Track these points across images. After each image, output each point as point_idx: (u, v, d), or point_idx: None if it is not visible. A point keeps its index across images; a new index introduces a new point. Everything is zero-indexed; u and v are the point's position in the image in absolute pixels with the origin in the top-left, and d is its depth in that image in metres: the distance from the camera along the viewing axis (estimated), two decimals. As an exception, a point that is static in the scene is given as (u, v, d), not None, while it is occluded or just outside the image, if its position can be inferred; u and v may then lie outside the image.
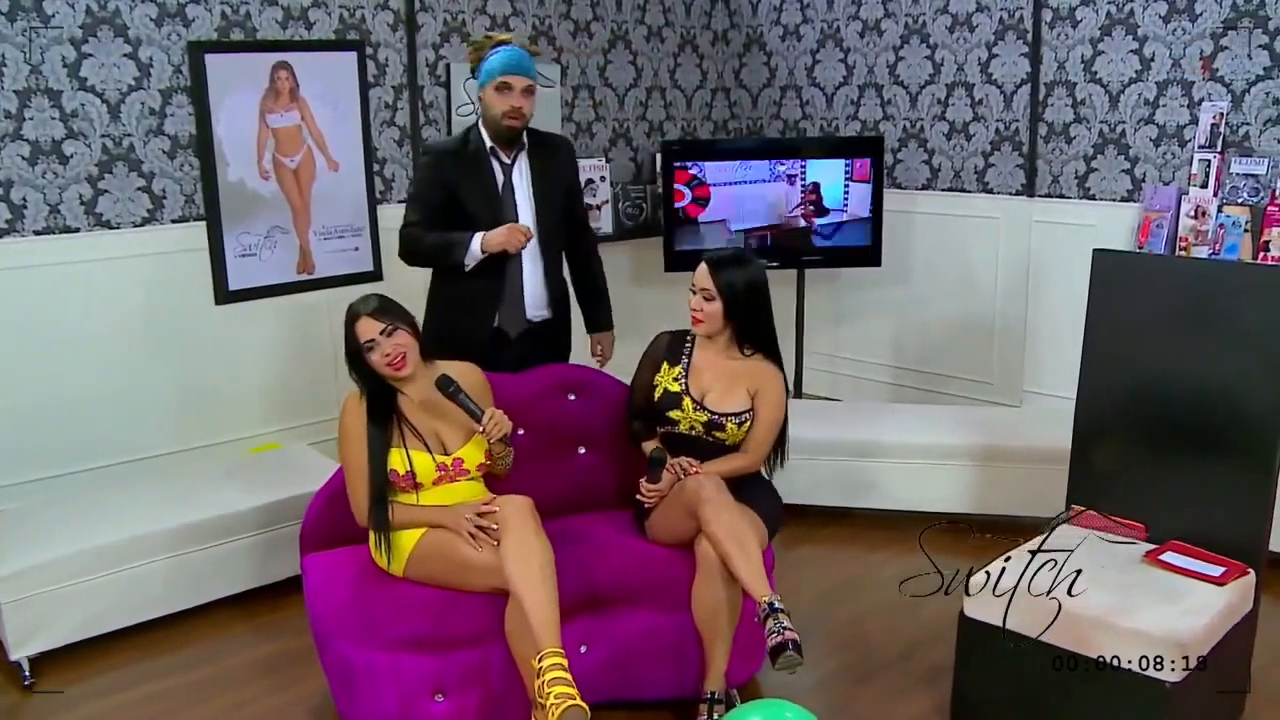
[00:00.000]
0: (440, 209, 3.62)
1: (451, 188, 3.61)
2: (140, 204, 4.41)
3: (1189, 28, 4.62)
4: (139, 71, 4.32)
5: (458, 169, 3.62)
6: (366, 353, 3.03)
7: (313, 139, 4.75)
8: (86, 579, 3.54)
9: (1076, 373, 5.04)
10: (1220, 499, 3.07)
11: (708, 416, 3.15)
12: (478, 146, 3.64)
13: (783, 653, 2.68)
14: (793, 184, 5.14)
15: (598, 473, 3.52)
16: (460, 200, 3.60)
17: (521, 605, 2.74)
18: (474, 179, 3.62)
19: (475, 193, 3.61)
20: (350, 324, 3.06)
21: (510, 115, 3.53)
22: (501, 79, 3.50)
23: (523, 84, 3.52)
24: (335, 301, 4.91)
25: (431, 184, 3.66)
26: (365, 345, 3.02)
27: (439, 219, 3.62)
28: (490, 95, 3.54)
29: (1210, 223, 4.59)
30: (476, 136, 3.65)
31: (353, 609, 2.97)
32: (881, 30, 5.58)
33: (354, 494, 3.04)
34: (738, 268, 3.15)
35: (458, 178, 3.62)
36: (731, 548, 2.89)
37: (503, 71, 3.50)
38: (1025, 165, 5.19)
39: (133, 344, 4.42)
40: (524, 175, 3.68)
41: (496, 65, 3.51)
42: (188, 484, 4.03)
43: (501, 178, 3.65)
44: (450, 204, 3.61)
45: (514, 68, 3.50)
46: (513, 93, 3.51)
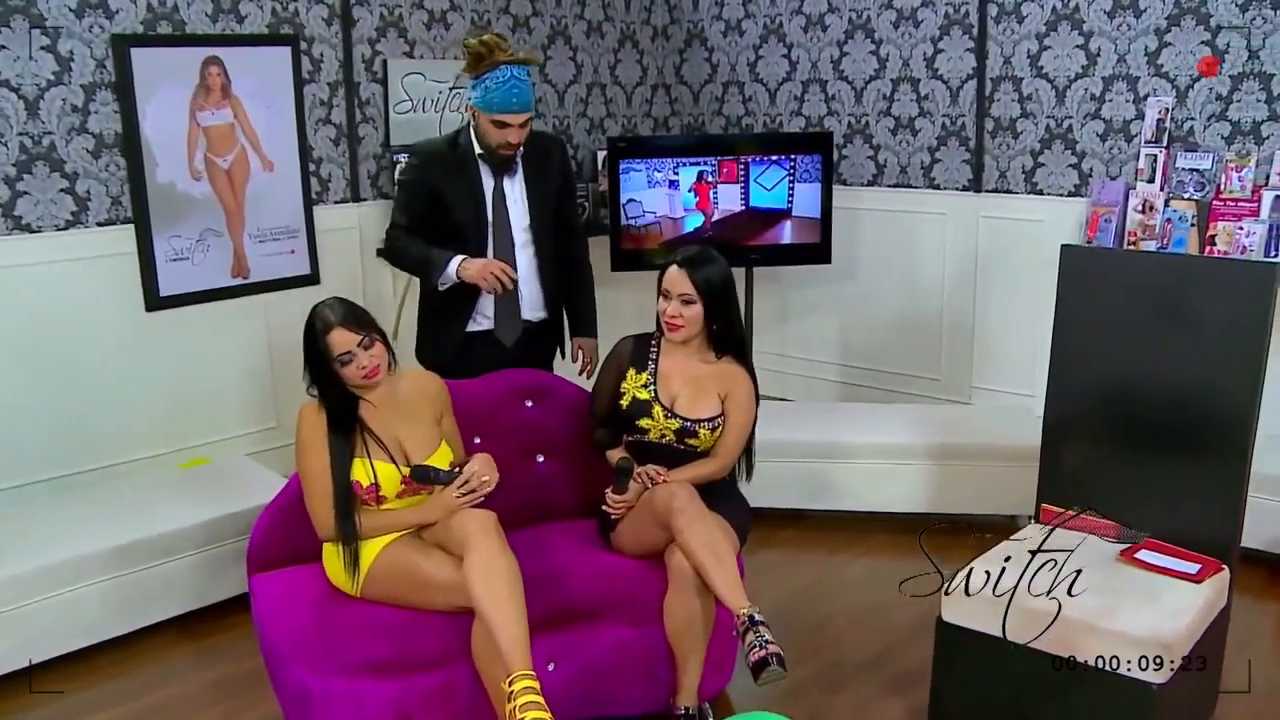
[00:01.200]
0: (426, 213, 3.51)
1: (437, 193, 3.49)
2: (63, 206, 4.17)
3: (1134, 23, 4.64)
4: (59, 65, 4.09)
5: (444, 173, 3.50)
6: (341, 366, 2.86)
7: (246, 138, 4.55)
8: (16, 606, 3.33)
9: (1026, 369, 5.12)
10: (1192, 496, 3.05)
11: (680, 424, 3.05)
12: (467, 151, 3.49)
13: (765, 668, 2.58)
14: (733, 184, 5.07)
15: (558, 482, 3.40)
16: (446, 206, 3.48)
17: (489, 625, 2.61)
18: (461, 185, 3.49)
19: (461, 199, 3.49)
20: (321, 334, 2.87)
21: (503, 147, 3.41)
22: (500, 117, 3.34)
23: (520, 120, 3.36)
24: (272, 306, 4.74)
25: (417, 188, 3.55)
26: (341, 358, 2.86)
27: (424, 224, 3.51)
28: (485, 122, 3.39)
29: (1158, 217, 4.60)
30: (466, 140, 3.51)
31: (308, 632, 2.82)
32: (825, 25, 5.52)
33: (315, 508, 2.88)
34: (711, 265, 3.04)
35: (444, 183, 3.49)
36: (706, 558, 2.79)
37: (502, 110, 3.32)
38: (972, 161, 5.17)
39: (57, 354, 4.19)
40: (517, 180, 3.55)
41: (496, 101, 3.31)
42: (122, 501, 3.83)
43: (492, 182, 3.51)
44: (436, 209, 3.49)
45: (513, 106, 3.32)
46: (510, 129, 3.36)
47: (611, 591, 2.99)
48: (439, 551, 2.82)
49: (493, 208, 3.51)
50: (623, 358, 3.16)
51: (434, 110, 5.09)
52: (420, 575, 2.79)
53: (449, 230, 3.49)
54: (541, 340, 3.72)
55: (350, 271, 4.95)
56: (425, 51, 5.09)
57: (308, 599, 2.93)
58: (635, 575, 3.01)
